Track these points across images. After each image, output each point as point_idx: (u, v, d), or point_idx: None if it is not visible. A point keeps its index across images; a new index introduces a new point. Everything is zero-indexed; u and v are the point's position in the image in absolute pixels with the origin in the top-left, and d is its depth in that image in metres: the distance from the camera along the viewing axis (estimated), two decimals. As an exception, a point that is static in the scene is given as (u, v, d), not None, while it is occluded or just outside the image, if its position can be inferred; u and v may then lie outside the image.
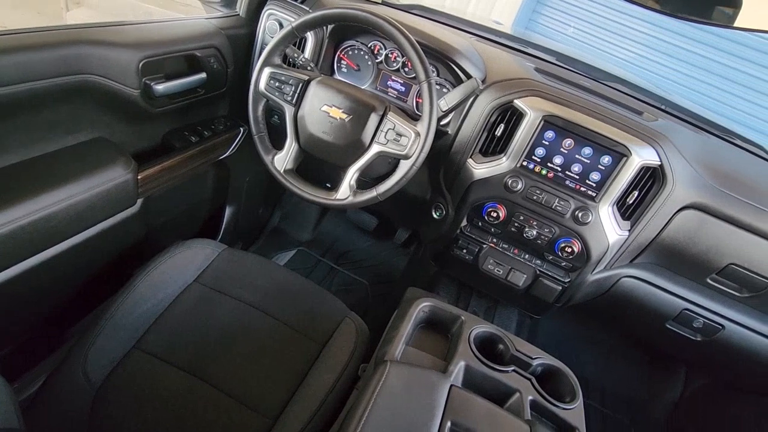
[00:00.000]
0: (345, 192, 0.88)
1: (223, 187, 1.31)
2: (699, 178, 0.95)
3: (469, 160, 1.03)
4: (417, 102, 1.11)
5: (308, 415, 0.77)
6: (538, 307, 1.18)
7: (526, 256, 1.07)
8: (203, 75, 0.98)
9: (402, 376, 0.65)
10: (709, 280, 1.01)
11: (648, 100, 1.23)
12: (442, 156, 1.08)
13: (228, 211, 1.38)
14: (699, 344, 1.10)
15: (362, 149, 0.86)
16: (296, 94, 0.86)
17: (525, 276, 1.07)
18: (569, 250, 0.99)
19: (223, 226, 1.37)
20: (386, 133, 0.84)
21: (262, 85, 0.87)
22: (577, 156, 0.95)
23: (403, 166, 0.85)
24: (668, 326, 1.10)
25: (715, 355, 1.12)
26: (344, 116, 0.84)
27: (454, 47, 1.00)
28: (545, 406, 0.72)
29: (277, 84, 0.86)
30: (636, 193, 0.95)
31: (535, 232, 1.00)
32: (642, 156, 0.90)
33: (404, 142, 0.83)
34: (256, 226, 1.67)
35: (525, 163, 0.98)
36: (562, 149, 0.95)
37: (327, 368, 0.85)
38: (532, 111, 0.94)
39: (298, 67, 0.97)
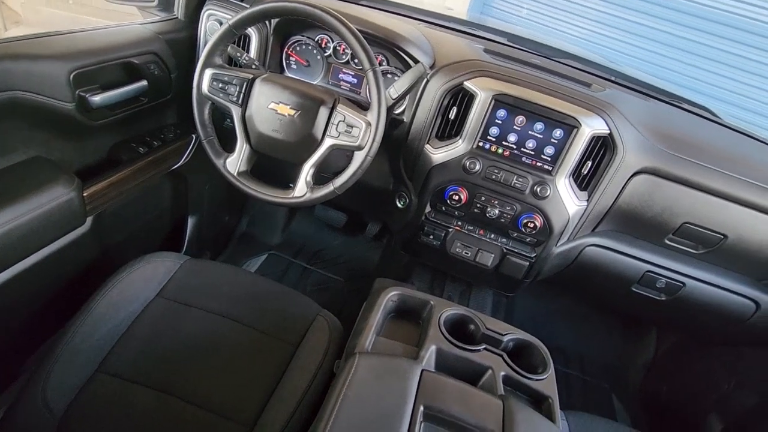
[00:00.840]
0: (302, 189, 0.86)
1: (181, 197, 1.27)
2: (648, 143, 0.97)
3: (427, 146, 1.03)
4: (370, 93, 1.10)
5: (285, 418, 0.76)
6: (510, 285, 1.20)
7: (492, 235, 1.08)
8: (144, 83, 0.94)
9: (371, 366, 0.65)
10: (667, 241, 1.05)
11: (597, 72, 1.25)
12: (401, 144, 1.08)
13: (190, 222, 1.34)
14: (664, 303, 1.14)
15: (315, 144, 0.85)
16: (242, 94, 0.84)
17: (493, 255, 1.08)
18: (532, 225, 1.00)
19: (187, 237, 1.34)
20: (337, 125, 0.83)
21: (205, 88, 0.85)
22: (530, 132, 0.96)
23: (358, 158, 0.84)
24: (634, 289, 1.13)
25: (679, 312, 1.17)
26: (292, 112, 0.83)
27: (400, 34, 1.00)
28: (518, 379, 0.73)
29: (220, 85, 0.84)
30: (590, 163, 0.97)
31: (497, 211, 1.01)
32: (591, 126, 0.92)
33: (356, 133, 0.82)
34: (223, 234, 1.63)
35: (481, 144, 0.99)
36: (515, 127, 0.96)
37: (302, 368, 0.84)
38: (482, 91, 0.94)
39: (242, 67, 0.95)
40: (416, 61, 0.98)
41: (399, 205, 1.13)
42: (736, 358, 1.25)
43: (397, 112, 1.08)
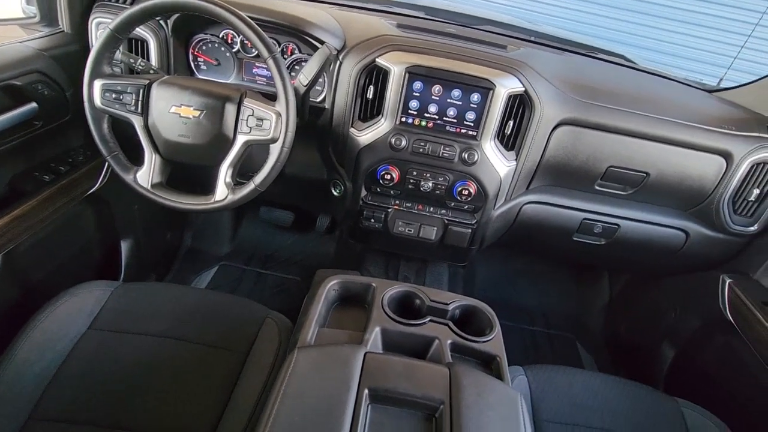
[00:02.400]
0: (222, 192, 0.83)
1: (108, 221, 1.20)
2: (563, 95, 0.99)
3: (352, 130, 1.01)
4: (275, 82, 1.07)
5: (241, 428, 0.74)
6: (459, 255, 1.21)
7: (431, 209, 1.08)
8: (33, 105, 0.87)
9: (311, 359, 0.63)
10: (597, 187, 1.08)
11: (514, 34, 1.27)
12: (327, 132, 1.06)
13: (125, 246, 1.27)
14: (605, 247, 1.18)
15: (228, 143, 0.81)
16: (139, 102, 0.79)
17: (435, 228, 1.09)
18: (467, 192, 1.01)
19: (123, 263, 1.26)
20: (247, 120, 0.79)
21: (97, 100, 0.79)
22: (449, 100, 0.96)
23: (274, 151, 0.81)
24: (575, 239, 1.17)
25: (620, 252, 1.21)
26: (197, 113, 0.78)
27: (303, 19, 0.96)
28: (465, 344, 0.73)
29: (114, 95, 0.78)
30: (512, 123, 0.98)
31: (431, 184, 1.01)
32: (506, 86, 0.93)
33: (267, 125, 0.79)
34: (168, 252, 1.56)
35: (403, 119, 0.98)
36: (433, 97, 0.96)
37: (254, 375, 0.82)
38: (395, 66, 0.93)
39: (140, 74, 0.89)
40: (322, 44, 0.95)
41: (335, 193, 1.11)
42: (677, 287, 1.32)
43: (318, 99, 1.06)
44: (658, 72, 1.31)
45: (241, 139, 0.80)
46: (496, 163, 0.99)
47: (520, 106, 0.97)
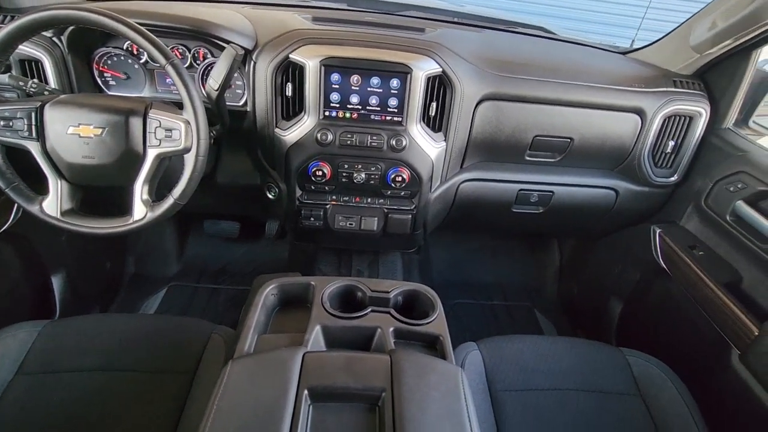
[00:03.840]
0: (140, 210, 0.79)
1: (32, 257, 1.12)
2: (481, 72, 1.01)
3: (276, 129, 0.99)
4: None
5: None
6: (406, 242, 1.22)
7: (369, 200, 1.08)
8: None
9: (245, 368, 0.61)
10: (527, 157, 1.11)
11: (433, 17, 1.27)
12: (253, 135, 1.03)
13: (56, 281, 1.19)
14: (544, 215, 1.22)
15: (139, 159, 0.77)
16: (33, 126, 0.73)
17: (376, 219, 1.08)
18: (400, 179, 1.01)
19: (57, 299, 1.19)
20: (155, 132, 0.76)
21: None
22: (369, 89, 0.95)
23: (189, 161, 0.77)
24: (515, 210, 1.20)
25: (559, 218, 1.25)
26: (99, 131, 0.74)
27: (204, 20, 0.93)
28: (407, 329, 0.74)
29: (2, 123, 0.73)
30: (435, 104, 0.98)
31: (364, 175, 1.01)
32: (423, 68, 0.93)
33: (176, 135, 0.76)
34: (110, 281, 1.48)
35: (327, 113, 0.96)
36: (353, 87, 0.95)
37: (202, 395, 0.79)
38: (309, 60, 0.91)
39: (33, 96, 0.83)
40: (228, 44, 0.92)
41: (270, 196, 1.09)
42: (617, 244, 1.39)
43: (240, 103, 1.03)
44: (576, 40, 1.36)
45: (151, 153, 0.77)
46: (425, 146, 1.00)
47: (440, 87, 0.97)
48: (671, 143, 1.10)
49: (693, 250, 1.07)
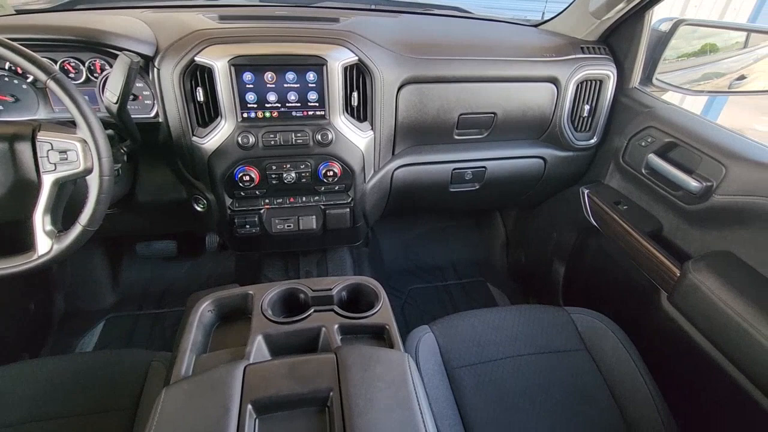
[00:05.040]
0: (45, 243, 0.71)
1: None
2: (399, 56, 1.00)
3: (194, 138, 0.93)
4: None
5: None
6: (350, 236, 1.20)
7: (303, 198, 1.05)
8: None
9: (181, 394, 0.58)
10: (456, 137, 1.13)
11: (348, 6, 1.25)
12: (171, 147, 0.97)
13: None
14: (480, 190, 1.25)
15: (33, 188, 0.70)
16: None
17: (314, 217, 1.06)
18: (332, 173, 0.99)
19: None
20: (48, 156, 0.69)
21: None
22: (286, 85, 0.92)
23: (93, 183, 0.71)
24: (452, 190, 1.22)
25: (495, 191, 1.29)
26: (-21, 162, 0.66)
27: (90, 29, 0.85)
28: (352, 324, 0.73)
29: None
30: (356, 94, 0.97)
31: (294, 174, 0.98)
32: (338, 58, 0.91)
33: (73, 157, 0.69)
34: (38, 323, 1.36)
35: (245, 115, 0.92)
36: (269, 86, 0.91)
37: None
38: (216, 61, 0.87)
39: None
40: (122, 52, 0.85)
41: (199, 209, 1.04)
42: (553, 209, 1.45)
43: (152, 114, 0.96)
44: (490, 17, 1.39)
45: (48, 179, 0.70)
46: (353, 137, 0.98)
47: (360, 76, 0.96)
48: (587, 107, 1.16)
49: (618, 206, 1.13)
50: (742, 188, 0.86)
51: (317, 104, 0.94)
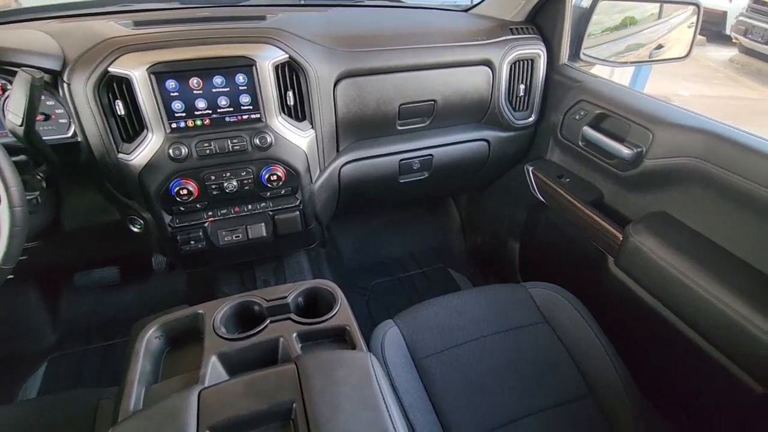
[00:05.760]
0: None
1: None
2: (332, 51, 0.98)
3: (120, 155, 0.87)
4: None
5: None
6: (305, 239, 1.17)
7: (249, 206, 1.01)
8: None
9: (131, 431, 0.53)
10: (399, 127, 1.12)
11: (275, 2, 1.21)
12: (95, 167, 0.90)
13: None
14: (430, 178, 1.25)
15: None
16: None
17: (263, 224, 1.02)
18: (276, 177, 0.96)
19: None
20: None
21: None
22: (214, 90, 0.87)
23: (3, 216, 0.64)
24: (402, 181, 1.21)
25: (444, 178, 1.30)
26: None
27: None
28: (310, 330, 0.70)
29: None
30: (291, 93, 0.94)
31: (235, 182, 0.94)
32: (267, 57, 0.88)
33: None
34: None
35: (174, 126, 0.87)
36: (196, 92, 0.86)
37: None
38: (133, 70, 0.81)
39: None
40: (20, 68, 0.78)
41: (136, 230, 0.97)
42: (502, 189, 1.48)
43: (69, 134, 0.88)
44: (421, 5, 1.39)
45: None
46: (293, 137, 0.95)
47: (293, 75, 0.93)
48: (522, 87, 1.19)
49: (561, 179, 1.17)
50: (669, 151, 0.91)
51: (251, 107, 0.90)
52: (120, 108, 0.83)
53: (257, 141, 0.91)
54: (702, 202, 0.89)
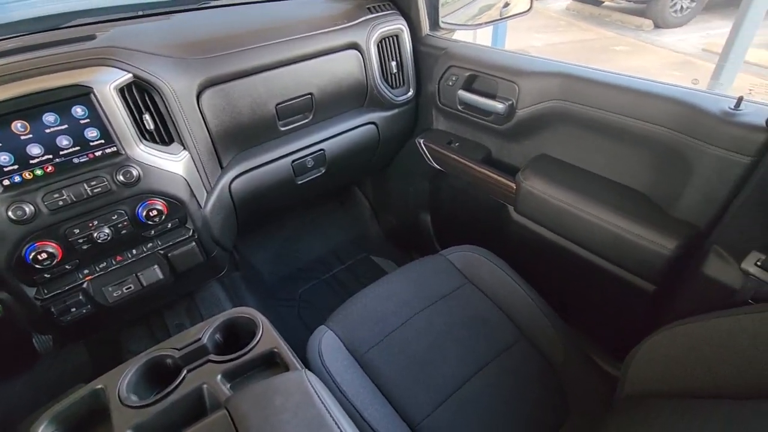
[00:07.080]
0: None
1: None
2: (184, 61, 0.88)
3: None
4: None
5: None
6: (211, 269, 1.07)
7: (133, 251, 0.89)
8: None
9: None
10: (281, 128, 1.06)
11: (105, 18, 1.06)
12: None
13: None
14: (328, 172, 1.22)
15: None
16: None
17: (156, 266, 0.91)
18: (155, 212, 0.85)
19: None
20: None
21: None
22: (48, 131, 0.73)
23: None
24: (299, 182, 1.16)
25: (342, 167, 1.27)
26: None
27: None
28: (235, 366, 0.64)
29: None
30: (148, 116, 0.83)
31: (107, 230, 0.81)
32: (106, 81, 0.76)
33: None
34: None
35: (6, 183, 0.72)
36: (24, 138, 0.72)
37: None
38: (-71, 127, 0.65)
39: None
40: None
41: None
42: (402, 167, 1.50)
43: None
44: None
45: None
46: (164, 164, 0.85)
47: (143, 95, 0.82)
48: (393, 63, 1.19)
49: (450, 145, 1.22)
50: (534, 98, 0.98)
51: (102, 141, 0.78)
52: None
53: (121, 177, 0.80)
54: (570, 137, 0.97)
